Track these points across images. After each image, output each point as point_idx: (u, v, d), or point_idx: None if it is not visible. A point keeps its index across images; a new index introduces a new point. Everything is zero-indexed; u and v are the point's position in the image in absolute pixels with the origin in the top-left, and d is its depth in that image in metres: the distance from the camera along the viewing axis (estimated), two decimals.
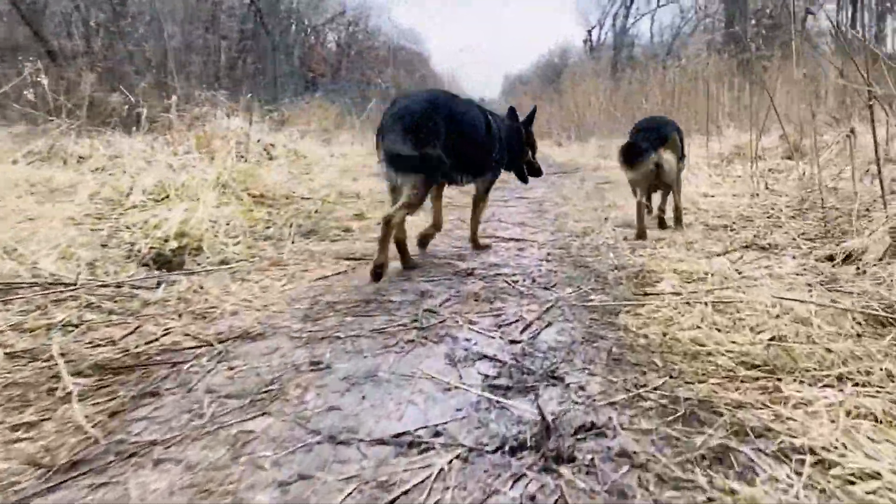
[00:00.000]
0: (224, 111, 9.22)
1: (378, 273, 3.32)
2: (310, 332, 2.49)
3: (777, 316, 2.29)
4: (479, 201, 4.32)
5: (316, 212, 5.27)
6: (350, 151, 11.47)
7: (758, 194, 5.55)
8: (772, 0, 34.50)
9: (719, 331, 2.26)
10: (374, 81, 34.84)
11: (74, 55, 19.84)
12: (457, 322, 2.55)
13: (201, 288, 3.08)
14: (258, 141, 8.57)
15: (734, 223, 4.55)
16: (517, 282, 3.27)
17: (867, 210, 4.00)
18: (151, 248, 3.58)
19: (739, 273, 3.08)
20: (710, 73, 18.27)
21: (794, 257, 3.37)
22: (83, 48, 22.70)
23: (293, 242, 4.27)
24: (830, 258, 3.28)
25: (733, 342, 2.13)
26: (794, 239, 3.76)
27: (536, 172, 4.68)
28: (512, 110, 4.53)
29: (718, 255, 3.58)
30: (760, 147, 7.49)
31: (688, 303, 2.55)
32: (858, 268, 3.01)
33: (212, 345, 2.32)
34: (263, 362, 2.15)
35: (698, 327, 2.30)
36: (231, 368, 2.09)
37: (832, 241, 3.63)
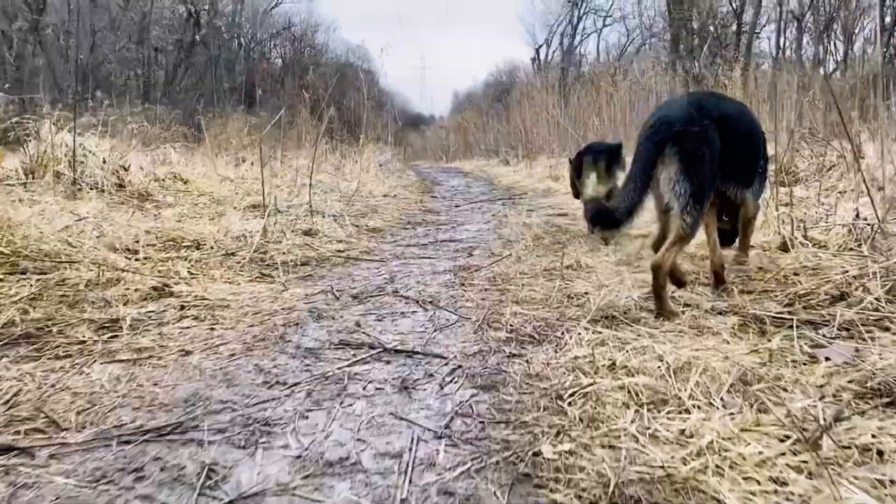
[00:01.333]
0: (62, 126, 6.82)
1: None
2: None
3: None
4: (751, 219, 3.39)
5: (87, 284, 3.02)
6: (252, 172, 9.18)
7: (790, 244, 3.55)
8: (713, 19, 33.68)
9: None
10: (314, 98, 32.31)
11: None
12: None
13: None
14: (104, 162, 6.24)
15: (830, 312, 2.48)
16: None
17: None
18: None
19: None
20: (663, 87, 16.69)
21: None
22: None
23: None
24: None
25: None
26: None
27: None
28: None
29: None
30: None
31: None
32: None
33: None
34: None
35: None
36: None
37: None
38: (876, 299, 2.44)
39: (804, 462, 1.34)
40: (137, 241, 4.04)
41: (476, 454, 1.49)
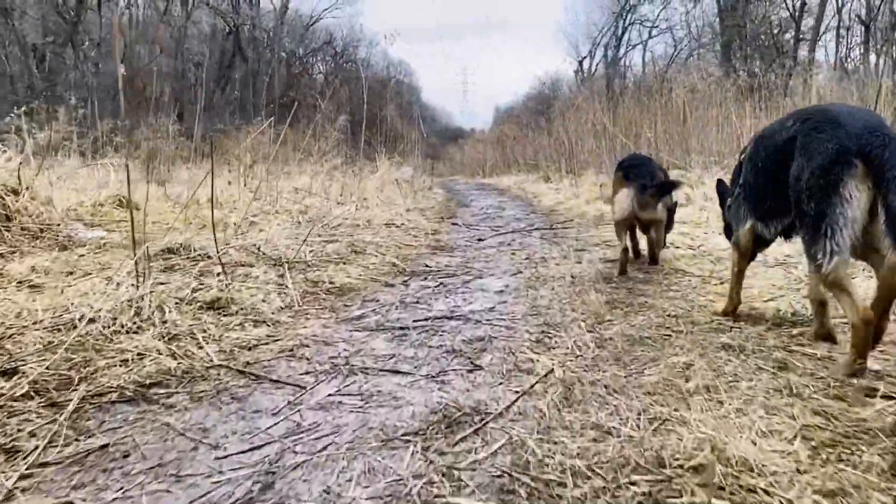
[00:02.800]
0: None
1: None
2: None
3: None
4: None
5: None
6: (233, 192, 7.19)
7: None
8: (768, 26, 30.74)
9: None
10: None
11: None
12: None
13: None
14: None
15: None
16: None
17: None
18: None
19: None
20: (720, 96, 14.21)
21: None
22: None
23: None
24: None
25: None
26: None
27: None
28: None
29: None
30: None
31: None
32: None
33: None
34: None
35: None
36: None
37: None
38: None
39: None
40: None
41: None
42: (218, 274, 3.30)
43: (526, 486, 1.44)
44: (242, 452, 1.63)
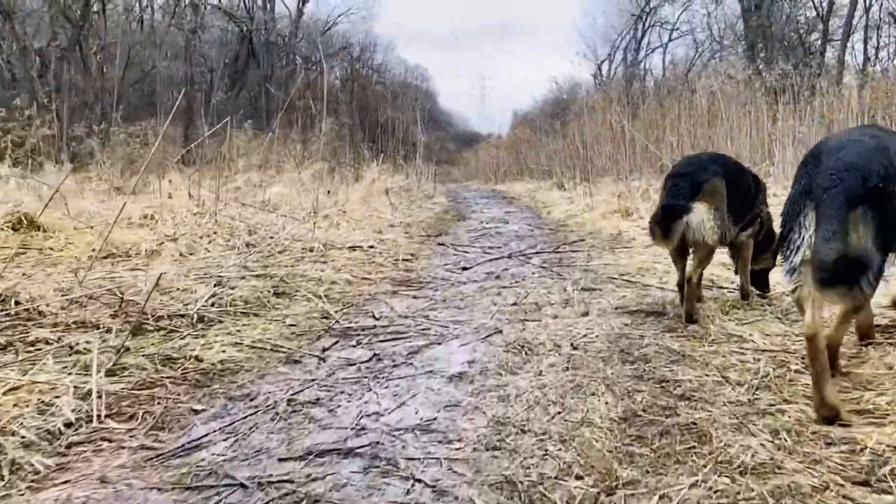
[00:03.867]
0: None
1: None
2: None
3: None
4: None
5: None
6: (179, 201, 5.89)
7: None
8: (795, 25, 28.98)
9: None
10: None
11: None
12: None
13: None
14: None
15: None
16: None
17: None
18: None
19: None
20: (745, 97, 12.75)
21: None
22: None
23: None
24: None
25: None
26: None
27: None
28: None
29: None
30: None
31: None
32: None
33: None
34: None
35: None
36: None
37: None
38: None
39: None
40: None
41: None
42: None
43: None
44: None
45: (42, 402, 1.82)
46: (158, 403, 1.98)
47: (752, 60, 27.17)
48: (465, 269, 4.62)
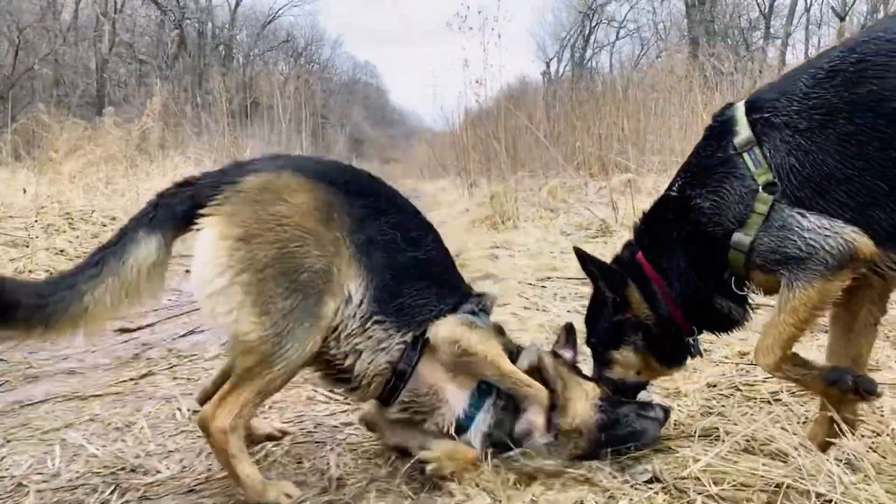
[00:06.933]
0: None
1: None
2: None
3: None
4: None
5: None
6: None
7: None
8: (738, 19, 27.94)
9: None
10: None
11: None
12: None
13: None
14: None
15: None
16: None
17: None
18: None
19: None
20: (688, 86, 11.20)
21: None
22: None
23: None
24: None
25: None
26: None
27: None
28: None
29: None
30: None
31: None
32: None
33: None
34: None
35: None
36: None
37: None
38: None
39: None
40: None
41: None
42: None
43: None
44: None
45: None
46: None
47: (696, 57, 25.66)
48: None
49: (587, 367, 1.75)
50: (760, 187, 1.42)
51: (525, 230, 5.30)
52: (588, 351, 1.75)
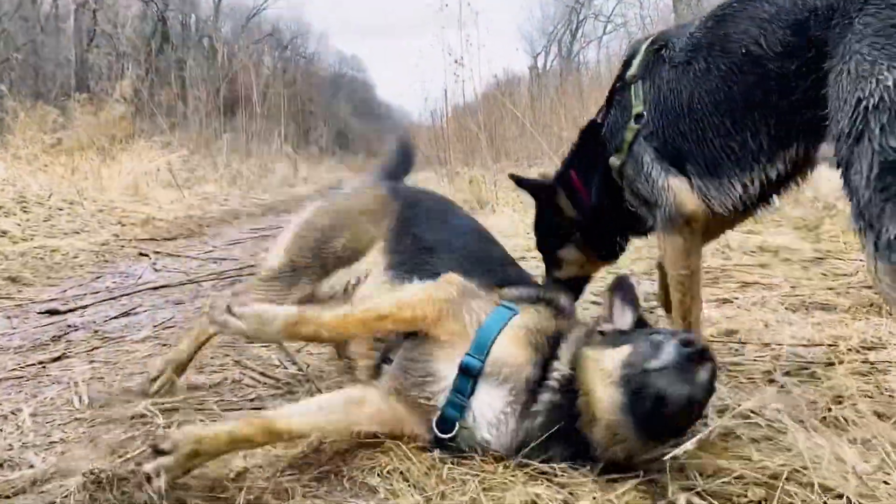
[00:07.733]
0: None
1: None
2: None
3: None
4: None
5: None
6: None
7: None
8: None
9: None
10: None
11: None
12: None
13: None
14: None
15: None
16: None
17: None
18: None
19: None
20: None
21: None
22: None
23: None
24: None
25: None
26: None
27: None
28: None
29: None
30: None
31: None
32: None
33: None
34: None
35: None
36: None
37: None
38: None
39: None
40: None
41: None
42: None
43: None
44: None
45: None
46: None
47: None
48: None
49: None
50: (633, 118, 1.54)
51: (503, 214, 5.10)
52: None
